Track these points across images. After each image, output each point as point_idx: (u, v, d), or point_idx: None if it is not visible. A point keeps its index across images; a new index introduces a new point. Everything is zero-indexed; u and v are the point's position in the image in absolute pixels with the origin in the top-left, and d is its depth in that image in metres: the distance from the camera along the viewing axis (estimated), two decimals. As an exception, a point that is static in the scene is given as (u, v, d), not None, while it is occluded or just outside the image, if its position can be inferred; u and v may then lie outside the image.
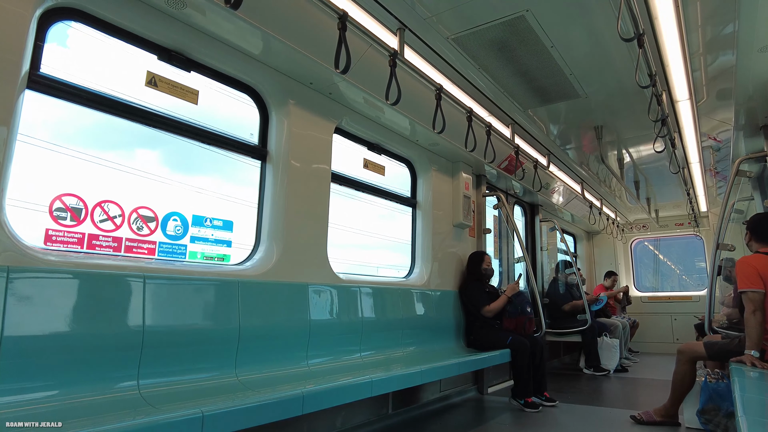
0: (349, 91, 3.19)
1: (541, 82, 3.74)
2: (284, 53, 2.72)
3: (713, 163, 5.70)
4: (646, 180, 6.78)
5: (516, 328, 4.27)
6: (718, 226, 3.99)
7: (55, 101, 2.10)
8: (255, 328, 2.54)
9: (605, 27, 2.96)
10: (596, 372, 5.86)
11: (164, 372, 2.12)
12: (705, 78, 3.65)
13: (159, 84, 2.43)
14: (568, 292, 6.41)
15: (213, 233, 2.69)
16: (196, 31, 2.48)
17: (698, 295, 8.51)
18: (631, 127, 4.73)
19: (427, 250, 4.28)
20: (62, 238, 2.09)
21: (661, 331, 8.61)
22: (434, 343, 3.97)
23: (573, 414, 3.82)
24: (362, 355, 3.23)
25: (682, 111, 4.12)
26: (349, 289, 3.25)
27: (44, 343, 1.80)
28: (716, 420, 3.03)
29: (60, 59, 2.12)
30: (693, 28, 3.01)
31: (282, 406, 2.03)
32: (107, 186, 2.28)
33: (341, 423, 3.04)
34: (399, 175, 4.33)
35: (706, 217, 8.60)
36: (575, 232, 9.04)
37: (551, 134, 4.97)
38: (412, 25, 2.94)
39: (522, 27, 2.99)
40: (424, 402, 3.89)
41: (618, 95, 3.97)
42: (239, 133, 2.86)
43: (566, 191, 6.50)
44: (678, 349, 3.40)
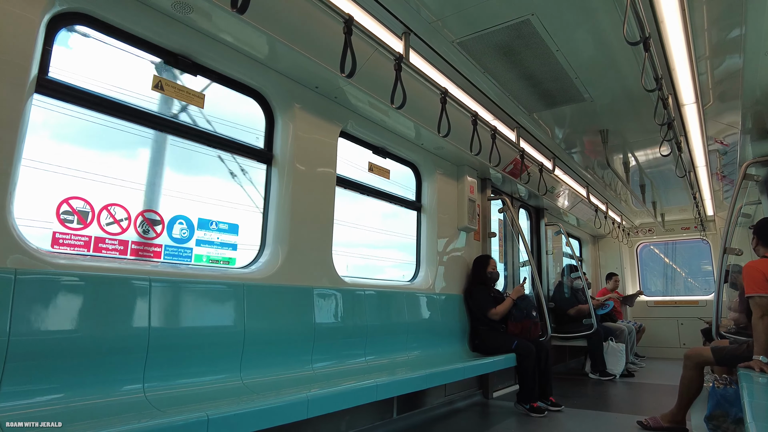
0: (354, 95, 3.20)
1: (546, 86, 3.74)
2: (290, 57, 2.73)
3: (720, 166, 5.68)
4: (652, 184, 6.75)
5: (521, 333, 4.25)
6: (725, 230, 3.96)
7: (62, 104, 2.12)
8: (260, 332, 2.54)
9: (611, 31, 2.96)
10: (602, 377, 5.83)
11: (170, 375, 2.12)
12: (711, 81, 3.63)
13: (165, 88, 2.44)
14: (574, 296, 6.38)
15: (219, 236, 2.70)
16: (202, 35, 2.50)
17: (705, 299, 8.45)
18: (637, 131, 4.72)
19: (432, 253, 4.27)
20: (69, 241, 2.10)
21: (667, 336, 8.56)
22: (439, 348, 3.96)
23: (579, 419, 3.80)
24: (367, 359, 3.23)
25: (689, 114, 4.10)
26: (354, 293, 3.25)
27: (51, 346, 1.81)
28: (724, 426, 3.00)
29: (68, 63, 2.14)
30: (699, 32, 3.00)
31: (287, 410, 2.04)
32: (113, 189, 2.29)
33: (346, 427, 3.03)
34: (402, 174, 4.33)
35: (712, 221, 8.56)
36: (581, 236, 9.01)
37: (556, 138, 4.96)
38: (418, 29, 2.95)
39: (527, 31, 2.99)
40: (429, 406, 3.87)
41: (623, 99, 3.96)
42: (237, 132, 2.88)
43: (571, 195, 6.48)
44: (685, 354, 3.38)
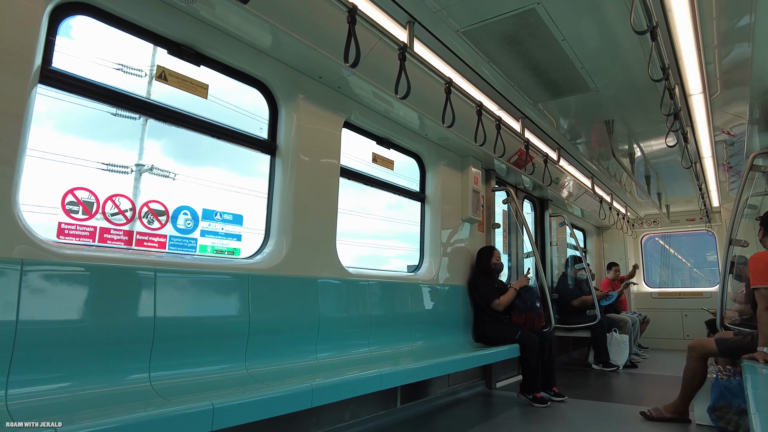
0: (358, 85, 3.19)
1: (551, 76, 3.71)
2: (293, 47, 2.71)
3: (726, 157, 5.62)
4: (657, 175, 6.70)
5: (525, 324, 4.26)
6: (731, 221, 3.93)
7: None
8: (264, 322, 2.56)
9: (617, 20, 2.92)
10: (605, 368, 5.84)
11: (175, 365, 2.14)
12: (719, 71, 3.59)
13: (169, 78, 2.44)
14: (578, 287, 6.38)
15: (223, 227, 2.71)
16: (206, 25, 2.49)
17: (709, 291, 8.43)
18: (643, 122, 4.67)
19: (435, 244, 4.27)
20: (75, 232, 2.11)
21: (671, 327, 8.55)
22: (443, 338, 3.97)
23: (582, 409, 3.81)
24: (371, 349, 3.24)
25: (695, 105, 4.06)
26: (358, 283, 3.26)
27: (57, 336, 1.82)
28: (727, 417, 3.00)
29: (71, 53, 2.13)
30: (707, 20, 2.96)
31: (291, 399, 2.05)
32: (117, 180, 2.30)
33: (350, 416, 3.06)
34: (406, 165, 4.32)
35: (718, 213, 8.51)
36: (585, 227, 8.98)
37: (561, 128, 4.93)
38: (422, 18, 2.92)
39: (533, 20, 2.96)
40: (433, 396, 3.89)
41: (629, 89, 3.92)
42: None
43: (576, 186, 6.45)
44: (689, 346, 3.38)
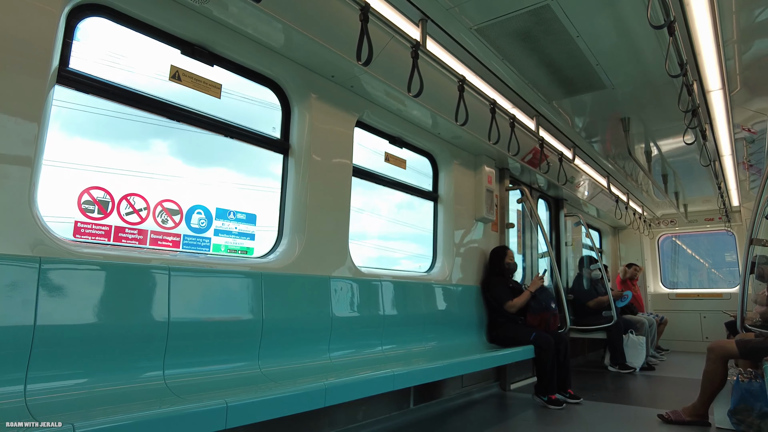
0: (370, 83, 3.18)
1: (566, 73, 3.66)
2: (306, 46, 2.72)
3: (746, 155, 5.51)
4: (675, 174, 6.59)
5: (540, 324, 4.21)
6: (752, 221, 3.84)
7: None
8: (278, 321, 2.56)
9: (633, 15, 2.87)
10: (621, 369, 5.75)
11: (189, 363, 2.15)
12: (739, 67, 3.51)
13: (183, 78, 2.45)
14: (593, 288, 6.30)
15: (236, 226, 2.72)
16: (219, 25, 2.50)
17: (729, 292, 8.26)
18: (660, 119, 4.59)
19: (449, 244, 4.24)
20: (90, 231, 2.13)
21: (689, 328, 8.40)
22: (456, 339, 3.95)
23: (598, 412, 3.75)
24: (383, 348, 3.23)
25: (714, 101, 3.98)
26: (371, 283, 3.25)
27: (74, 333, 1.84)
28: (749, 421, 2.94)
29: (88, 55, 2.15)
30: (727, 15, 2.90)
31: (305, 399, 2.05)
32: (133, 179, 2.32)
33: (362, 416, 3.05)
34: (419, 164, 4.30)
35: (738, 212, 8.34)
36: (600, 227, 8.87)
37: (576, 126, 4.87)
38: (435, 15, 2.90)
39: (547, 16, 2.92)
40: (446, 397, 3.87)
41: (646, 86, 3.85)
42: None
43: (592, 185, 6.37)
44: (708, 347, 3.31)
